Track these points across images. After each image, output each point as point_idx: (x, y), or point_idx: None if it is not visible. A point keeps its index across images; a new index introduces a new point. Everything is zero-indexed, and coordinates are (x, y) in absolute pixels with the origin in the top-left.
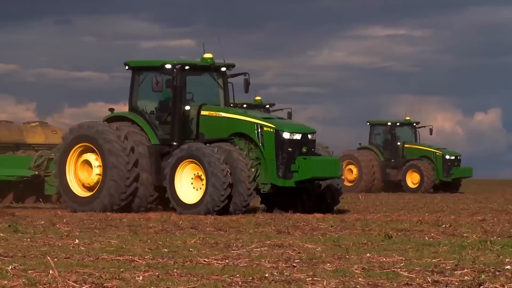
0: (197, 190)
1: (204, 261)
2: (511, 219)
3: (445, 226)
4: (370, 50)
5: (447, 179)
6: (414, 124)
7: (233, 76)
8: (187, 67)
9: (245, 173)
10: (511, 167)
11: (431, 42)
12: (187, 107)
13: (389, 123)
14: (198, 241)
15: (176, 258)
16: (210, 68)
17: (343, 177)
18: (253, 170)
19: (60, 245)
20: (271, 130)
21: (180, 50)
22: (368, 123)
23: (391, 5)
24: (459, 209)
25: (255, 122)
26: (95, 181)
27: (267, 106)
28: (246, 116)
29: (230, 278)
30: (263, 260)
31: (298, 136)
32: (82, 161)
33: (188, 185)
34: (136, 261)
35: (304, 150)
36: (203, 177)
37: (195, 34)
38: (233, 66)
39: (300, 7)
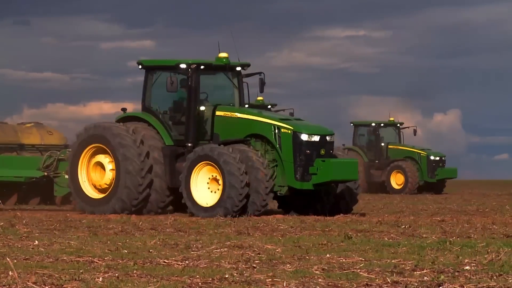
0: (213, 192)
1: (164, 262)
2: (470, 219)
3: (405, 226)
4: (330, 51)
5: (432, 180)
6: (398, 125)
7: (248, 75)
8: (202, 67)
9: (262, 172)
10: (470, 168)
11: (391, 43)
12: (202, 108)
13: (373, 124)
14: (158, 242)
15: (136, 259)
16: (225, 68)
17: None
18: (270, 170)
19: (19, 246)
20: (289, 131)
21: (140, 51)
22: (351, 124)
23: (351, 6)
24: (418, 210)
25: (272, 124)
26: (107, 184)
27: (269, 106)
28: (262, 117)
29: (190, 279)
30: (223, 261)
31: (316, 138)
32: (95, 162)
33: (204, 188)
34: (96, 262)
35: (322, 152)
36: (218, 177)
37: (155, 35)
38: (248, 65)
39: (260, 9)
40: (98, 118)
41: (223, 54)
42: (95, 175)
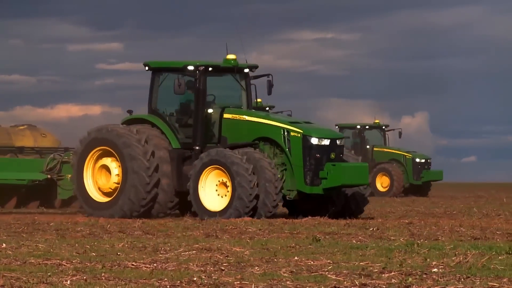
0: (222, 197)
1: (132, 265)
2: (438, 222)
3: (373, 229)
4: (299, 54)
5: (417, 182)
6: (383, 127)
7: (255, 77)
8: (210, 69)
9: (270, 172)
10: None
11: (359, 46)
12: (210, 110)
13: (358, 126)
14: (126, 245)
15: (104, 262)
16: (233, 70)
17: None
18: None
19: None
20: (298, 135)
21: (108, 54)
22: (336, 126)
23: (319, 9)
24: (386, 212)
25: (281, 127)
26: (113, 187)
27: (267, 108)
28: (271, 120)
29: (158, 282)
30: (191, 264)
31: (326, 142)
32: (100, 166)
33: (213, 193)
34: (64, 265)
35: (332, 156)
36: (227, 182)
37: (123, 38)
38: (256, 67)
39: (229, 11)
40: (66, 121)
41: (231, 56)
42: (100, 178)
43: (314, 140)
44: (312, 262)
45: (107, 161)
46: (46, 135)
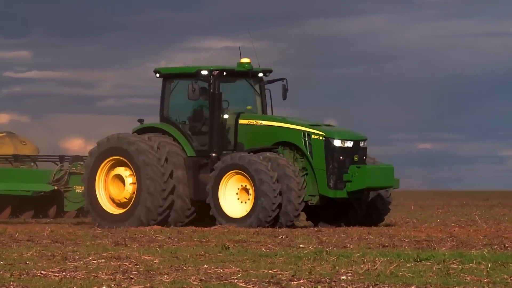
0: (243, 203)
1: (41, 273)
2: (346, 230)
3: (282, 237)
4: (207, 62)
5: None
6: None
7: (270, 82)
8: (224, 73)
9: (294, 180)
10: None
11: (268, 54)
12: (225, 116)
13: None
14: (35, 254)
15: (12, 270)
16: (247, 74)
17: None
18: (301, 178)
19: None
20: (320, 138)
21: (16, 62)
22: None
23: (227, 17)
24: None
25: (302, 130)
26: (127, 198)
27: None
28: (291, 124)
29: None
30: (100, 272)
31: (349, 144)
32: (112, 176)
33: (234, 198)
34: None
35: (355, 158)
36: (248, 187)
37: (31, 45)
38: (271, 71)
39: (137, 18)
40: None
41: (245, 60)
42: (113, 189)
43: (337, 143)
44: (221, 270)
45: (120, 170)
46: (26, 143)
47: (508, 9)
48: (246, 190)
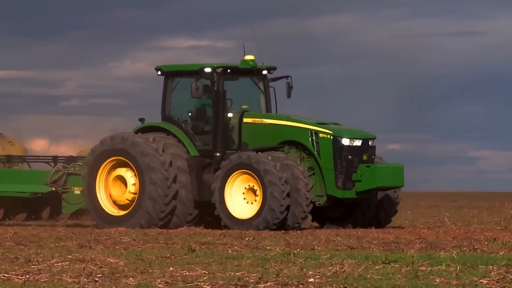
0: (249, 203)
1: (4, 276)
2: (314, 232)
3: (249, 239)
4: (174, 61)
5: None
6: None
7: (274, 80)
8: (228, 70)
9: (303, 182)
10: None
11: (235, 53)
12: (229, 115)
13: None
14: None
15: None
16: (251, 71)
17: None
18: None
19: None
20: (328, 136)
21: None
22: None
23: (193, 16)
24: None
25: (309, 128)
26: (129, 200)
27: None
28: (297, 122)
29: None
30: (64, 275)
31: (358, 143)
32: (114, 177)
33: (240, 199)
34: None
35: (364, 157)
36: (255, 187)
37: None
38: (275, 68)
39: (101, 17)
40: None
41: (249, 57)
42: (115, 190)
43: (346, 141)
44: (187, 273)
45: (122, 171)
46: (14, 143)
47: (477, 8)
48: (253, 191)
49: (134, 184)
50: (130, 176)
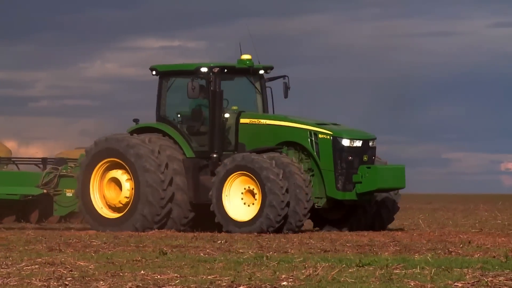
0: (248, 205)
1: None
2: (287, 235)
3: (221, 242)
4: (144, 62)
5: None
6: None
7: (271, 79)
8: (225, 70)
9: (300, 177)
10: None
11: (207, 54)
12: (226, 115)
13: None
14: None
15: None
16: (248, 71)
17: None
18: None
19: None
20: (328, 137)
21: None
22: None
23: (163, 16)
24: None
25: (308, 129)
26: (124, 202)
27: None
28: (296, 123)
29: None
30: (34, 279)
31: (358, 143)
32: (109, 179)
33: (238, 201)
34: None
35: (365, 158)
36: (253, 188)
37: None
38: (272, 68)
39: (71, 17)
40: None
41: (246, 56)
42: (109, 193)
43: (346, 142)
44: (159, 276)
45: (117, 173)
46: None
47: (452, 8)
48: (252, 192)
49: (129, 186)
50: (125, 179)
